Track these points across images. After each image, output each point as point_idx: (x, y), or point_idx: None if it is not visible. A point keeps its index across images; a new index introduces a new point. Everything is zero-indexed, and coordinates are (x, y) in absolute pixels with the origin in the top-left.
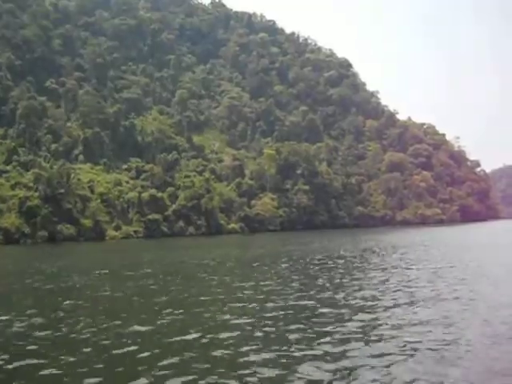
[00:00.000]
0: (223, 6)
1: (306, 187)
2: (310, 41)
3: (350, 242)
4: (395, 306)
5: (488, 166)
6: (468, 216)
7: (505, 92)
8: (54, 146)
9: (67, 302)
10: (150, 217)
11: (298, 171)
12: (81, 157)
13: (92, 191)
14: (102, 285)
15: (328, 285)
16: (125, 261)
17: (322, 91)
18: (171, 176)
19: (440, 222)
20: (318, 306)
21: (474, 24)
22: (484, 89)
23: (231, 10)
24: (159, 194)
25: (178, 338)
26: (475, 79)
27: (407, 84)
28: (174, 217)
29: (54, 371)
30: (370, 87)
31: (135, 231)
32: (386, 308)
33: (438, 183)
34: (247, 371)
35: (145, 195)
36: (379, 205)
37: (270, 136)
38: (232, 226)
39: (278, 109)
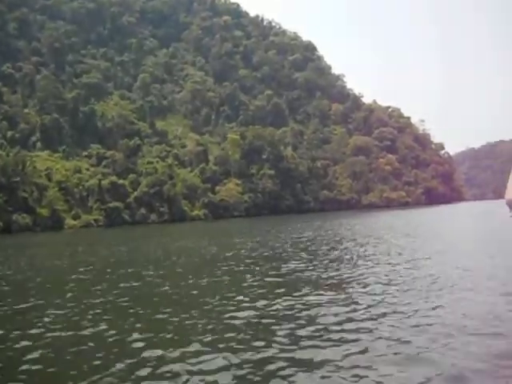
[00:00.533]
0: None
1: (271, 172)
2: (274, 24)
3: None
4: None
5: (451, 149)
6: (433, 198)
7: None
8: (10, 133)
9: None
10: (110, 205)
11: (263, 156)
12: (39, 144)
13: (49, 179)
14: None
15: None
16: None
17: (286, 75)
18: (133, 162)
19: (405, 205)
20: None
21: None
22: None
23: None
24: (120, 181)
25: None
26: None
27: (373, 68)
28: (136, 204)
29: None
30: (335, 70)
31: (95, 220)
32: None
33: (402, 166)
34: None
35: (105, 182)
36: (345, 188)
37: (234, 121)
38: (196, 212)
39: (243, 93)
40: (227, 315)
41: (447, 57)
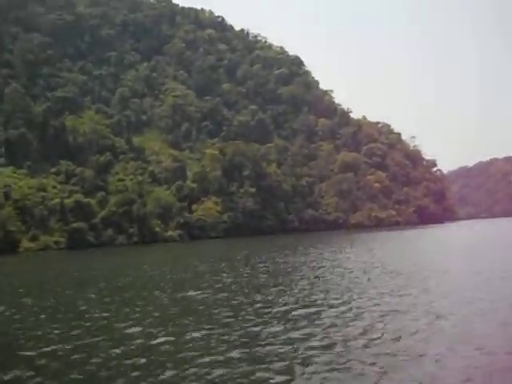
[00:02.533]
0: (169, 1)
1: (253, 190)
2: (260, 38)
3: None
4: None
5: (443, 167)
6: (425, 218)
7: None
8: None
9: None
10: (74, 225)
11: (245, 173)
12: (2, 160)
13: (6, 197)
14: None
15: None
16: None
17: (272, 89)
18: (104, 180)
19: (396, 225)
20: None
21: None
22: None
23: (177, 5)
24: (86, 200)
25: None
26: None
27: (364, 83)
28: (103, 225)
29: None
30: (324, 86)
31: (56, 242)
32: None
33: (393, 184)
34: None
35: (69, 201)
36: (331, 207)
37: (217, 136)
38: (170, 233)
39: (226, 108)
40: None
41: (440, 76)
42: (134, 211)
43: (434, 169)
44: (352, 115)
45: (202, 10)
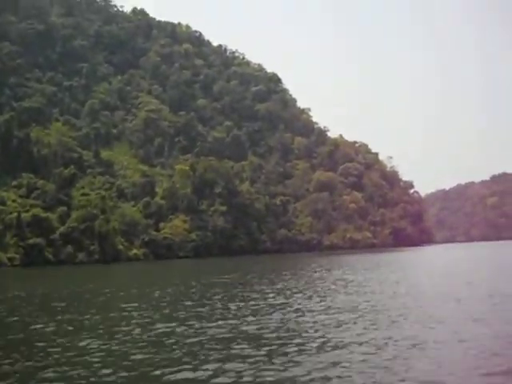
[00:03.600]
0: (146, 14)
1: (224, 208)
2: (237, 54)
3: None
4: None
5: (421, 190)
6: (401, 240)
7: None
8: None
9: None
10: (30, 241)
11: (216, 190)
12: None
13: None
14: None
15: None
16: None
17: (248, 106)
18: (67, 194)
19: (371, 247)
20: None
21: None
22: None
23: (154, 18)
24: (45, 215)
25: None
26: (411, 102)
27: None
28: (62, 241)
29: None
30: (301, 104)
31: (10, 258)
32: None
33: (369, 204)
34: None
35: (26, 215)
36: (305, 227)
37: (190, 152)
38: (134, 252)
39: (201, 124)
40: None
41: (417, 99)
42: (96, 227)
43: (412, 190)
44: (329, 134)
45: (179, 24)
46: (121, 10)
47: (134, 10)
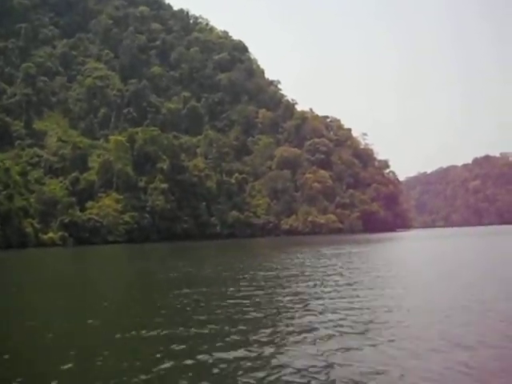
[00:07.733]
0: None
1: (165, 185)
2: (201, 20)
3: None
4: None
5: (403, 174)
6: (372, 225)
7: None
8: None
9: None
10: None
11: (158, 165)
12: None
13: None
14: None
15: None
16: None
17: (209, 75)
18: None
19: (337, 232)
20: None
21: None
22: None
23: None
24: None
25: None
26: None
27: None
28: None
29: None
30: (271, 76)
31: None
32: None
33: (337, 184)
34: None
35: None
36: (261, 209)
37: (140, 125)
38: (49, 235)
39: (155, 93)
40: None
41: (402, 83)
42: None
43: (387, 170)
44: (298, 107)
45: None
46: None
47: None
